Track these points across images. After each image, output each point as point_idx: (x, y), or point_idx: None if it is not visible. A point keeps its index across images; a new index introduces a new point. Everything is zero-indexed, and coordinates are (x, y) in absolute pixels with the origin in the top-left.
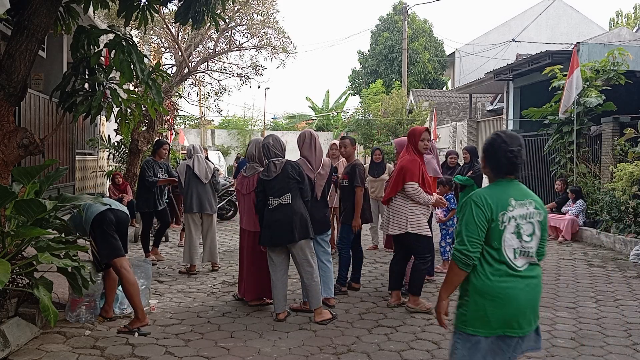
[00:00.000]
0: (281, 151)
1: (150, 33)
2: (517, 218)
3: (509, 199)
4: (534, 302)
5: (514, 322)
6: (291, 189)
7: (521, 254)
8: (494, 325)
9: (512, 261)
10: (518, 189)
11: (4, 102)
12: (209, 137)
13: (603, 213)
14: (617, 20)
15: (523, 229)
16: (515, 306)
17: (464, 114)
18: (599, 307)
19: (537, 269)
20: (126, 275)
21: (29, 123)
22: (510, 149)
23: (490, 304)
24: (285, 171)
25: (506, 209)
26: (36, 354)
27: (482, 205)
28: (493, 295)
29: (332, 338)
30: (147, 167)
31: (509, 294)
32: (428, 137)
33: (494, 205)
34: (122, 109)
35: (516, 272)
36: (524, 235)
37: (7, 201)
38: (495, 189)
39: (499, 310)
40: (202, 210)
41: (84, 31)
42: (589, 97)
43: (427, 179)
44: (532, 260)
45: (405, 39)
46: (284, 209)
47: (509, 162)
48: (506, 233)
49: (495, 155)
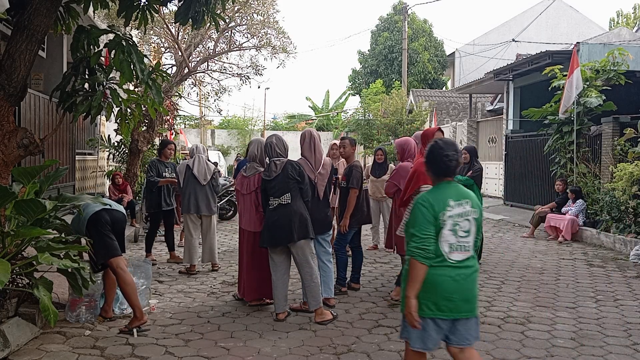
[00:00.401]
0: (284, 151)
1: (150, 33)
2: (454, 217)
3: (447, 200)
4: (466, 291)
5: (443, 306)
6: (291, 189)
7: (457, 248)
8: (427, 309)
9: (447, 254)
10: (456, 190)
11: (4, 102)
12: (209, 137)
13: (603, 213)
14: (617, 20)
15: (460, 226)
16: (443, 292)
17: (464, 114)
18: (599, 307)
19: (471, 260)
20: (122, 275)
21: (29, 123)
22: (445, 154)
23: (422, 288)
24: (286, 171)
25: (445, 209)
26: (36, 354)
27: (427, 207)
28: (425, 282)
29: (332, 338)
30: (150, 167)
31: (438, 281)
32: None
33: (436, 206)
34: (122, 109)
35: (449, 263)
36: (460, 232)
37: (7, 201)
38: (436, 191)
39: (429, 295)
40: (198, 211)
41: (84, 31)
42: (589, 98)
43: None
44: (468, 253)
45: (405, 39)
46: (283, 209)
47: (445, 166)
48: (444, 230)
49: (434, 160)
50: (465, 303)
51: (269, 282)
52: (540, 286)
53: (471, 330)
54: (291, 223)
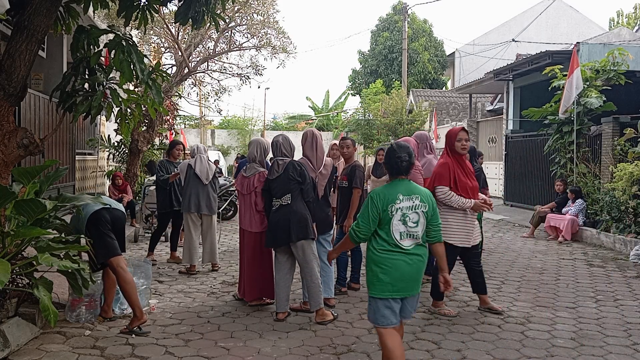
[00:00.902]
0: (289, 151)
1: (150, 33)
2: (403, 209)
3: (397, 194)
4: (415, 274)
5: (400, 287)
6: (292, 190)
7: (407, 236)
8: (388, 288)
9: (399, 241)
10: (407, 186)
11: (4, 102)
12: (209, 137)
13: (603, 213)
14: (617, 20)
15: (409, 217)
16: (397, 274)
17: (464, 114)
18: (599, 307)
19: (422, 248)
20: (122, 274)
21: (29, 123)
22: (397, 156)
23: (379, 270)
24: (287, 172)
25: (394, 202)
26: (36, 354)
27: (376, 201)
28: (381, 263)
29: (332, 338)
30: (160, 168)
31: (393, 264)
32: (465, 137)
33: (384, 199)
34: (122, 109)
35: (401, 249)
36: (410, 222)
37: (7, 201)
38: (388, 187)
39: (386, 276)
40: (199, 210)
41: (84, 31)
42: (589, 98)
43: (461, 181)
44: (417, 241)
45: (405, 39)
46: (284, 210)
47: (397, 166)
48: (394, 220)
49: (389, 161)
50: (414, 283)
51: (269, 282)
52: (540, 286)
53: (414, 305)
54: (290, 223)
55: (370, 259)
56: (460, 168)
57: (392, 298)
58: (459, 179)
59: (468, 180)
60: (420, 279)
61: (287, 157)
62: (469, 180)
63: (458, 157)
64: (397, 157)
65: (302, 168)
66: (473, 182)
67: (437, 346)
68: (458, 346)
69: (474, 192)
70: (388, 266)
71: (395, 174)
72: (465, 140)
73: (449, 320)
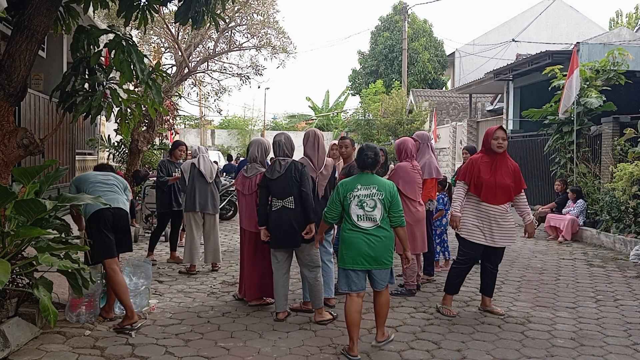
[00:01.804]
0: (290, 151)
1: (150, 33)
2: (360, 196)
3: (356, 184)
4: (375, 251)
5: (358, 260)
6: (294, 192)
7: (365, 218)
8: (349, 261)
9: (357, 222)
10: (367, 178)
11: (4, 102)
12: (209, 137)
13: (603, 213)
14: (617, 20)
15: (366, 203)
16: (356, 250)
17: (464, 114)
18: (599, 307)
19: (382, 230)
20: (113, 276)
21: (29, 123)
22: (365, 154)
23: (344, 246)
24: (289, 172)
25: (352, 190)
26: (36, 354)
27: (340, 189)
28: (346, 241)
29: (332, 338)
30: (160, 168)
31: (353, 242)
32: (503, 136)
33: (345, 188)
34: (122, 109)
35: (361, 229)
36: (367, 207)
37: (7, 201)
38: (353, 178)
39: (348, 251)
40: (204, 209)
41: (84, 31)
42: (589, 98)
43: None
44: (377, 224)
45: (405, 39)
46: (289, 213)
47: (364, 162)
48: (352, 205)
49: (359, 157)
50: (375, 259)
51: (269, 282)
52: (540, 286)
53: (384, 278)
54: (297, 227)
55: (340, 237)
56: (492, 166)
57: (353, 270)
58: (483, 177)
59: (498, 178)
60: (385, 256)
61: (288, 157)
62: (503, 178)
63: (494, 156)
64: (365, 154)
65: (304, 169)
66: (505, 181)
67: (437, 346)
68: (458, 346)
69: (504, 191)
70: (350, 243)
71: (361, 167)
72: (503, 138)
73: (449, 320)
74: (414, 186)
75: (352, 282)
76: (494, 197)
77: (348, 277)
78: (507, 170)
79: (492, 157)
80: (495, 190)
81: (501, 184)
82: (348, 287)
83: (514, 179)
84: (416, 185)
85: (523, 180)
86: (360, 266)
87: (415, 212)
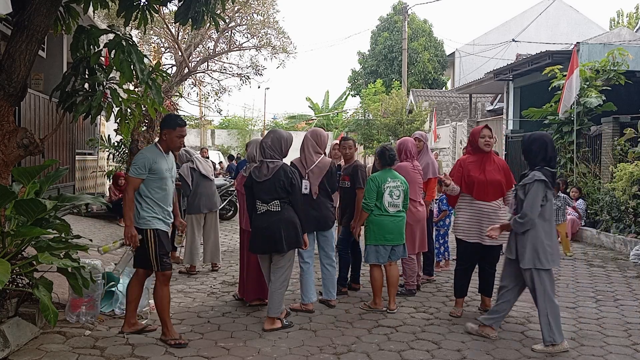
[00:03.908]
0: (280, 152)
1: (150, 33)
2: (391, 187)
3: (387, 177)
4: (399, 229)
5: (387, 238)
6: (281, 197)
7: (392, 205)
8: (380, 239)
9: (387, 208)
10: (392, 173)
11: (4, 102)
12: (209, 137)
13: (603, 213)
14: (617, 20)
15: (394, 193)
16: (386, 229)
17: (464, 114)
18: (599, 307)
19: (401, 213)
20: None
21: (29, 123)
22: (390, 153)
23: (376, 227)
24: (277, 177)
25: (386, 182)
26: (36, 354)
27: (375, 181)
28: (377, 223)
29: (332, 338)
30: None
31: (383, 224)
32: (489, 134)
33: (381, 181)
34: (122, 109)
35: (389, 214)
36: (394, 196)
37: (7, 201)
38: (383, 172)
39: (381, 231)
40: (212, 208)
41: (84, 31)
42: (589, 98)
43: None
44: (399, 209)
45: (405, 39)
46: (273, 217)
47: (388, 159)
48: (385, 194)
49: (383, 155)
50: (399, 236)
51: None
52: None
53: (401, 251)
54: (281, 232)
55: (370, 221)
56: (480, 164)
57: (383, 245)
58: (473, 176)
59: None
60: (403, 233)
61: (276, 159)
62: (493, 175)
63: (481, 155)
64: (389, 153)
65: (293, 175)
66: (496, 176)
67: (437, 346)
68: (458, 346)
69: (496, 187)
70: (380, 225)
71: (389, 164)
72: (489, 137)
73: (449, 320)
74: (415, 186)
75: (380, 255)
76: (485, 194)
77: (378, 251)
78: (495, 167)
79: (479, 155)
80: (486, 187)
81: (492, 181)
82: (376, 259)
83: (504, 174)
84: (417, 185)
85: (512, 175)
86: (389, 242)
87: (416, 212)
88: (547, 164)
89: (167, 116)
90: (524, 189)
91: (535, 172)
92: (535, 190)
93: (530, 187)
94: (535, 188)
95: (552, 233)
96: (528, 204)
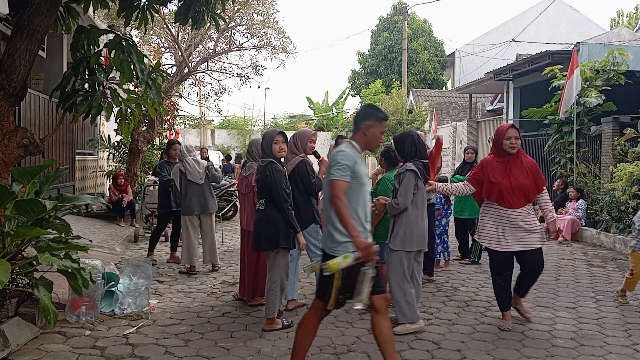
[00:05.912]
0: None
1: (150, 33)
2: None
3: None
4: None
5: None
6: (265, 196)
7: None
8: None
9: None
10: None
11: (4, 102)
12: (209, 137)
13: (603, 213)
14: (617, 20)
15: None
16: None
17: (464, 114)
18: (599, 307)
19: None
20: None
21: (29, 123)
22: (395, 155)
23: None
24: (262, 176)
25: None
26: (36, 354)
27: (391, 181)
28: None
29: (332, 338)
30: (160, 169)
31: None
32: (515, 135)
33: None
34: (122, 109)
35: None
36: None
37: (7, 201)
38: (390, 173)
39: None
40: (203, 211)
41: (84, 31)
42: (589, 97)
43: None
44: None
45: (405, 39)
46: (258, 215)
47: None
48: None
49: (388, 156)
50: None
51: None
52: (540, 286)
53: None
54: (261, 231)
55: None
56: (505, 168)
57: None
58: (496, 181)
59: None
60: None
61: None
62: (519, 179)
63: (507, 157)
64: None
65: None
66: (523, 181)
67: (437, 346)
68: (458, 346)
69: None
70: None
71: (391, 165)
72: (515, 138)
73: (449, 320)
74: None
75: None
76: (511, 200)
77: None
78: (523, 170)
79: (504, 158)
80: (512, 193)
81: (517, 186)
82: None
83: (532, 177)
84: None
85: (543, 177)
86: None
87: None
88: (419, 156)
89: (369, 106)
90: (399, 178)
91: (408, 163)
92: (407, 179)
93: (404, 177)
94: (407, 177)
95: (422, 218)
96: (402, 191)
